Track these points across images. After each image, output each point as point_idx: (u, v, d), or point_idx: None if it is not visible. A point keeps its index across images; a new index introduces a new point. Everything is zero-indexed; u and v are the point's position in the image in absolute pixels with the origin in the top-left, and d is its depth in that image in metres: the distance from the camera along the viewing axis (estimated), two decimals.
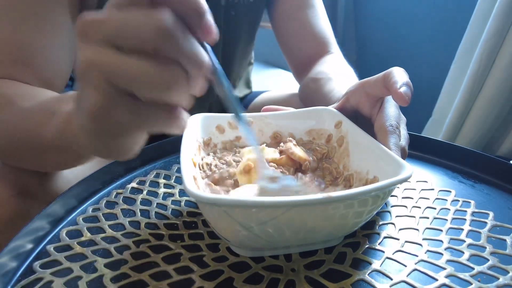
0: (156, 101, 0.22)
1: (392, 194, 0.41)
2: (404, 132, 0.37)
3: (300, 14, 0.69)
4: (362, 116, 0.40)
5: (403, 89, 0.33)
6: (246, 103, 0.83)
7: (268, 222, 0.26)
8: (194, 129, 0.39)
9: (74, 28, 0.22)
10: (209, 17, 0.22)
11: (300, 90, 0.71)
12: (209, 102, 0.72)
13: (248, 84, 0.87)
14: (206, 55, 0.23)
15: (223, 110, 0.33)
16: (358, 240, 0.34)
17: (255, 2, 0.67)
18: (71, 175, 0.48)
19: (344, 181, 0.37)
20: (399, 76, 0.35)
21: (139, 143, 0.28)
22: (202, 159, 0.39)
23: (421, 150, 0.49)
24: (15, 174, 0.43)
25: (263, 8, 0.71)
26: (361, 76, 0.62)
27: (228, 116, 0.42)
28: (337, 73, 0.59)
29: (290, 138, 0.41)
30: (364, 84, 0.39)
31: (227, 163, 0.38)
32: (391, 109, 0.37)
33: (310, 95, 0.64)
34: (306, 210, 0.26)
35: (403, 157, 0.34)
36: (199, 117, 0.40)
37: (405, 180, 0.27)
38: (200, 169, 0.37)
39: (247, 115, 0.43)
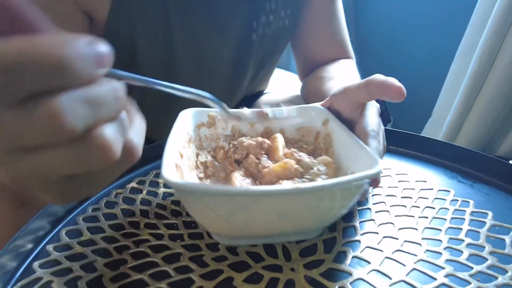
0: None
1: (391, 193, 0.41)
2: (382, 141, 0.37)
3: (325, 29, 0.68)
4: (343, 119, 0.41)
5: (397, 83, 0.34)
6: (246, 105, 0.83)
7: (237, 211, 0.27)
8: (185, 122, 0.39)
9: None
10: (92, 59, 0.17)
11: (303, 84, 0.72)
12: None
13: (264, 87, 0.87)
14: (113, 98, 0.19)
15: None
16: (357, 239, 0.34)
17: (287, 26, 0.66)
18: None
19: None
20: (386, 77, 0.35)
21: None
22: (197, 156, 0.39)
23: (420, 149, 0.49)
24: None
25: (293, 30, 0.69)
26: (361, 76, 0.62)
27: (218, 111, 0.42)
28: (341, 74, 0.60)
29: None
30: (346, 90, 0.39)
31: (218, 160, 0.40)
32: (373, 116, 0.38)
33: (311, 92, 0.64)
34: (274, 201, 0.27)
35: None
36: (191, 111, 0.41)
37: (372, 176, 0.28)
38: (197, 169, 0.38)
39: (237, 110, 0.43)
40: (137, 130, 0.22)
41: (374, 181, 0.34)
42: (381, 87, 0.35)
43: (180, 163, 0.33)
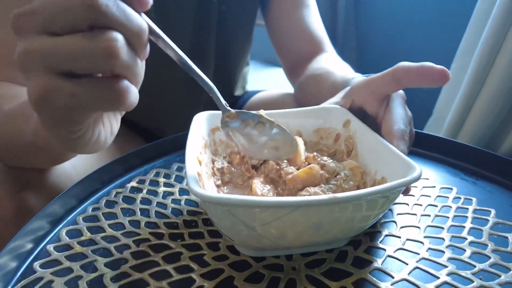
0: (99, 74, 0.23)
1: None
2: (410, 130, 0.36)
3: (295, 13, 0.69)
4: (368, 115, 0.39)
5: (439, 66, 0.32)
6: (241, 102, 0.83)
7: (272, 223, 0.26)
8: (200, 126, 0.38)
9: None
10: None
11: (298, 88, 0.71)
12: (205, 98, 0.73)
13: (243, 86, 0.87)
14: (142, 20, 0.23)
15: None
16: (359, 238, 0.34)
17: None
18: (74, 171, 0.48)
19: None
20: (420, 63, 0.34)
21: (101, 131, 0.28)
22: (213, 163, 0.38)
23: (422, 147, 0.49)
24: (16, 171, 0.43)
25: (257, 5, 0.71)
26: (364, 71, 0.62)
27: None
28: (336, 67, 0.60)
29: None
30: (369, 83, 0.38)
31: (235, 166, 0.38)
32: (399, 109, 0.37)
33: (310, 92, 0.63)
34: (311, 211, 0.26)
35: None
36: (205, 114, 0.40)
37: (414, 181, 0.27)
38: (214, 176, 0.37)
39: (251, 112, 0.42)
40: (137, 84, 0.25)
41: (407, 188, 0.34)
42: (417, 73, 0.33)
43: (200, 170, 0.33)
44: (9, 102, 0.39)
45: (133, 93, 0.24)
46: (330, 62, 0.64)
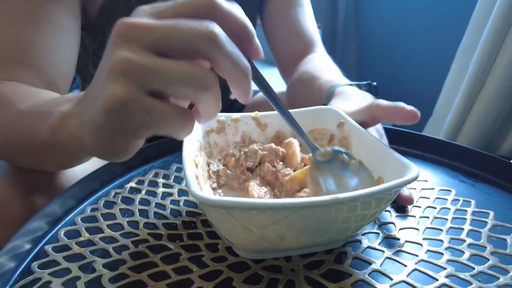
0: (184, 100, 0.24)
1: None
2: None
3: (289, 11, 0.71)
4: None
5: (409, 107, 0.35)
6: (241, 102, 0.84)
7: (272, 225, 0.26)
8: (195, 129, 0.38)
9: (113, 30, 0.22)
10: (256, 38, 0.25)
11: (289, 89, 0.73)
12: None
13: None
14: (247, 63, 0.24)
15: (225, 109, 0.33)
16: (358, 240, 0.34)
17: None
18: (83, 175, 0.48)
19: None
20: (393, 102, 0.37)
21: (139, 145, 0.28)
22: (208, 165, 0.38)
23: (421, 149, 0.49)
24: (26, 174, 0.43)
25: (257, 3, 0.72)
26: (361, 75, 0.62)
27: (228, 115, 0.42)
28: (323, 70, 0.61)
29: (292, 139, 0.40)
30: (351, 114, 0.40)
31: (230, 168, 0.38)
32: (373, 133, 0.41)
33: (300, 94, 0.65)
34: (313, 212, 0.26)
35: None
36: None
37: (413, 180, 0.27)
38: (209, 178, 0.37)
39: (248, 115, 0.42)
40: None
41: (409, 198, 0.37)
42: (391, 111, 0.36)
43: (197, 173, 0.32)
44: (22, 100, 0.39)
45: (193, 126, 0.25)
46: (318, 64, 0.65)
